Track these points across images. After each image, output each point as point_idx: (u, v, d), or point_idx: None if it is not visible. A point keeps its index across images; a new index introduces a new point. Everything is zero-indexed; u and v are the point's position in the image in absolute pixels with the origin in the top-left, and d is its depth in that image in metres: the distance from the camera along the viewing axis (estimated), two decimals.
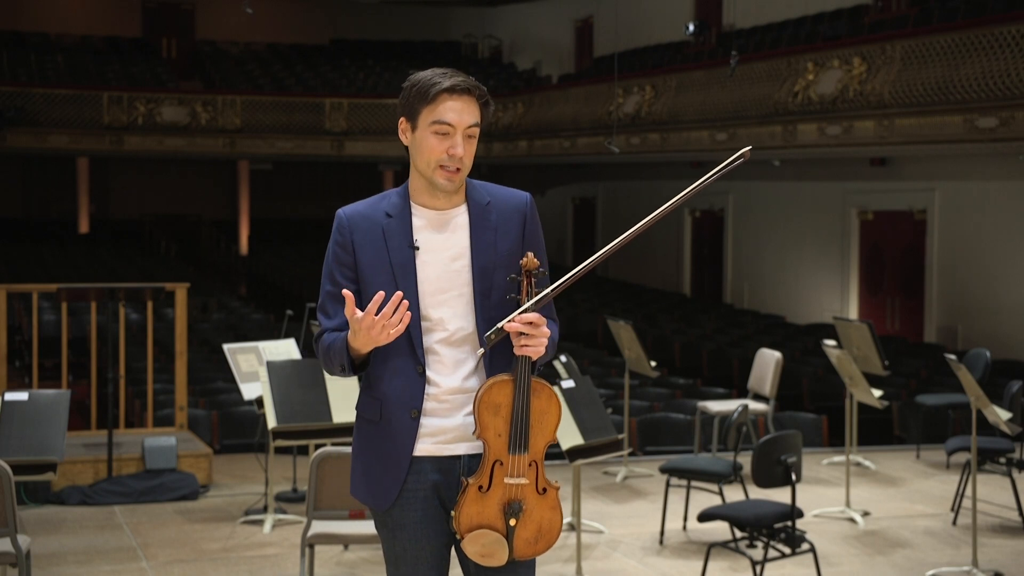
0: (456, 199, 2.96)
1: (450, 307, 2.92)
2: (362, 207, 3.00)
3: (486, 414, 2.85)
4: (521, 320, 2.80)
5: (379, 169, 24.92)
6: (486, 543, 2.87)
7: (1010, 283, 14.15)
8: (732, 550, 5.99)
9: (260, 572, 6.27)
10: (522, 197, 3.02)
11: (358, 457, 3.01)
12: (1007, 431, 6.46)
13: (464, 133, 2.88)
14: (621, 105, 18.12)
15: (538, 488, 2.90)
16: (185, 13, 26.34)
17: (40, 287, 9.26)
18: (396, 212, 2.96)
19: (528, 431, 2.86)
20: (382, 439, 2.94)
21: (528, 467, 2.88)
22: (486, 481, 2.87)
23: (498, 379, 2.87)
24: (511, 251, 2.94)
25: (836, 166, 16.61)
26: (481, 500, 2.87)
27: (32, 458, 5.63)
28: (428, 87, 2.87)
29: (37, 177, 24.73)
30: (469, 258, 2.93)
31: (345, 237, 2.96)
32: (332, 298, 2.96)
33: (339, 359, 2.90)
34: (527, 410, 2.85)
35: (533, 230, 3.00)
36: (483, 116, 2.93)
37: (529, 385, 2.85)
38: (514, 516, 2.86)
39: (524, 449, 2.86)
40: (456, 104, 2.87)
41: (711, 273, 19.88)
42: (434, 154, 2.88)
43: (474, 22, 27.19)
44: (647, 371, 9.09)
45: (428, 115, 2.87)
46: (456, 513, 2.87)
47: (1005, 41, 12.13)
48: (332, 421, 6.73)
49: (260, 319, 16.19)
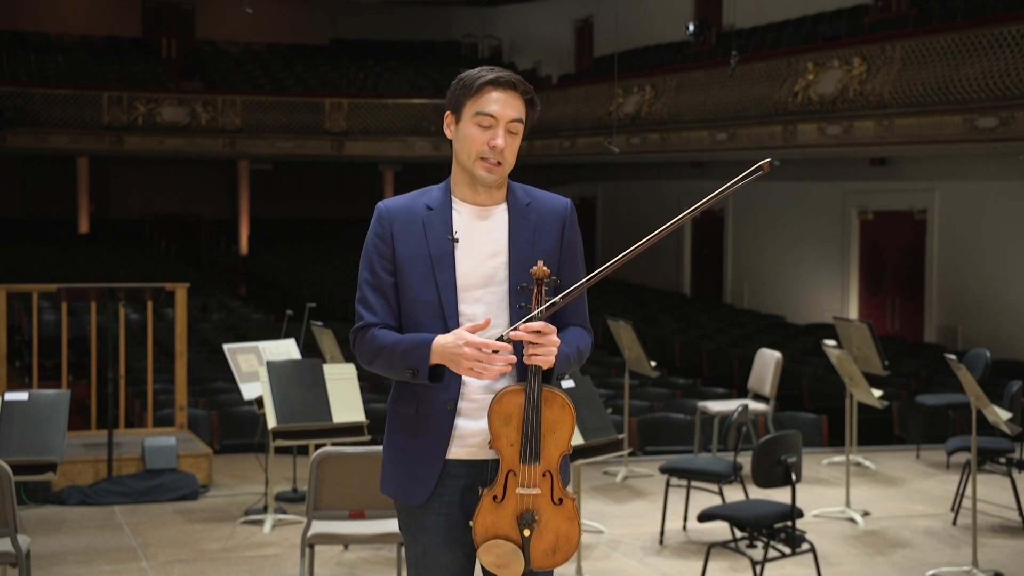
0: (497, 196, 2.96)
1: (484, 304, 2.90)
2: (403, 200, 2.99)
3: (497, 423, 2.84)
4: (526, 329, 2.78)
5: (379, 169, 24.92)
6: (501, 553, 2.85)
7: (1010, 283, 14.15)
8: (732, 550, 5.99)
9: (260, 572, 6.27)
10: (563, 202, 3.02)
11: (390, 452, 2.98)
12: (1007, 431, 6.46)
13: (506, 127, 2.88)
14: (621, 105, 18.12)
15: (553, 499, 2.87)
16: (185, 13, 26.34)
17: (40, 287, 9.26)
18: (437, 205, 2.95)
19: (539, 441, 2.83)
20: (417, 433, 2.91)
21: (542, 477, 2.85)
22: (500, 491, 2.85)
23: (510, 388, 2.85)
24: (548, 253, 2.93)
25: (836, 166, 16.61)
26: (496, 510, 2.84)
27: (32, 458, 5.63)
28: (473, 80, 2.89)
29: (37, 177, 24.73)
30: (507, 255, 2.91)
31: (385, 228, 2.94)
32: (373, 289, 2.93)
33: (410, 363, 2.84)
34: (538, 420, 2.82)
35: (572, 236, 2.99)
36: (528, 113, 2.93)
37: (539, 395, 2.83)
38: (527, 527, 2.83)
39: (536, 459, 2.83)
40: (500, 96, 2.88)
41: (711, 273, 19.87)
42: (475, 145, 2.88)
43: (474, 22, 27.18)
44: (647, 371, 9.09)
45: (472, 107, 2.88)
46: (473, 523, 2.85)
47: (1005, 41, 12.13)
48: (332, 421, 6.74)
49: (260, 319, 16.19)
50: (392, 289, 2.91)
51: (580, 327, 3.00)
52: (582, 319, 3.01)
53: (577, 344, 2.95)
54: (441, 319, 2.87)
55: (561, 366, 2.89)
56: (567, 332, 2.96)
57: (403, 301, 2.92)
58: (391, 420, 3.00)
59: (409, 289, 2.90)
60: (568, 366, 2.93)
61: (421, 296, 2.89)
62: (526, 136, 2.97)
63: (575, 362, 2.95)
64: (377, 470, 4.89)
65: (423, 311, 2.87)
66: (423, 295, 2.88)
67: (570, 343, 2.93)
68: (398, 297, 2.91)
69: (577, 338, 2.97)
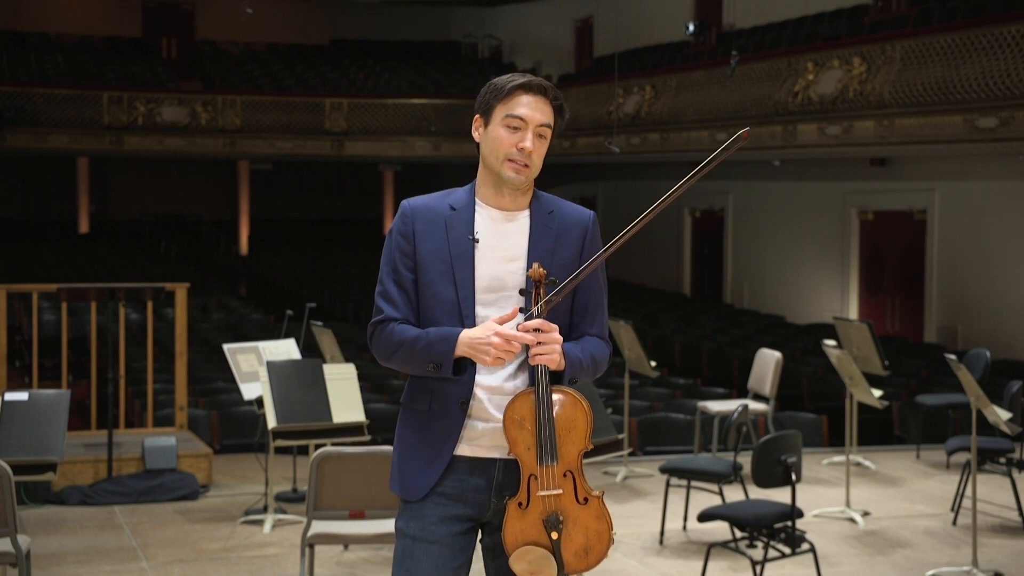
0: (521, 201, 2.97)
1: (499, 307, 2.90)
2: (428, 199, 3.01)
3: (512, 429, 2.83)
4: (523, 328, 2.78)
5: (379, 169, 24.92)
6: (532, 559, 2.83)
7: (1010, 283, 14.15)
8: (732, 550, 5.99)
9: (260, 572, 6.27)
10: (586, 214, 3.03)
11: (400, 447, 2.99)
12: (1007, 431, 6.45)
13: (535, 131, 2.90)
14: (621, 105, 18.12)
15: (578, 498, 2.86)
16: (185, 13, 26.33)
17: (40, 287, 9.26)
18: (460, 206, 2.96)
19: (555, 441, 2.82)
20: (428, 429, 2.92)
21: (563, 477, 2.84)
22: (524, 497, 2.84)
23: (520, 393, 2.85)
24: (568, 262, 2.93)
25: (836, 166, 16.61)
26: (522, 517, 2.83)
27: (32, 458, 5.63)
28: (505, 84, 2.92)
29: (37, 177, 24.73)
30: (525, 261, 2.92)
31: (407, 226, 2.95)
32: (395, 284, 2.94)
33: (434, 357, 2.84)
34: (550, 420, 2.82)
35: (592, 249, 2.99)
36: (556, 120, 2.96)
37: (549, 395, 2.82)
38: (554, 529, 2.82)
39: (553, 459, 2.82)
40: (529, 100, 2.90)
41: (711, 273, 19.87)
42: (503, 147, 2.89)
43: (474, 22, 27.18)
44: (647, 371, 9.09)
45: (502, 110, 2.91)
46: (503, 534, 2.85)
47: (1005, 41, 12.13)
48: (332, 421, 6.74)
49: (260, 319, 16.19)
50: (412, 286, 2.92)
51: (597, 337, 2.99)
52: (599, 330, 3.01)
53: (592, 352, 2.95)
54: (458, 317, 2.88)
55: (574, 370, 2.88)
56: (583, 341, 2.96)
57: (422, 298, 2.93)
58: (403, 417, 3.00)
59: (428, 286, 2.91)
60: (582, 372, 2.92)
61: (440, 294, 2.90)
62: None
63: (589, 370, 2.94)
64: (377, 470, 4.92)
65: (441, 309, 2.88)
66: (441, 292, 2.89)
67: (584, 350, 2.93)
68: (417, 294, 2.93)
69: (593, 347, 2.97)
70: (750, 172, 17.67)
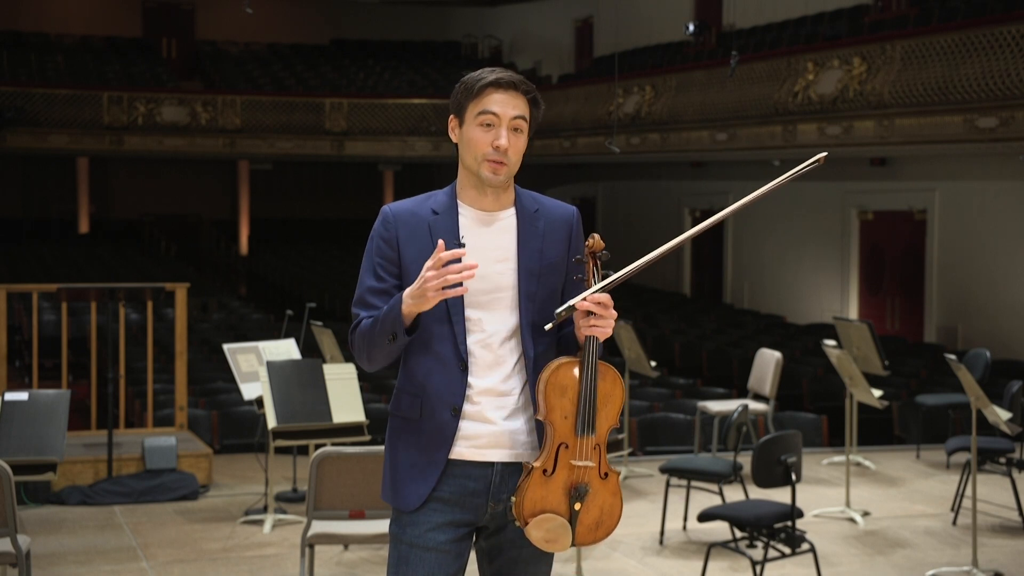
0: (504, 200, 2.95)
1: (488, 309, 2.89)
2: (408, 204, 2.98)
3: (553, 395, 2.82)
4: (592, 300, 2.80)
5: (379, 169, 24.91)
6: (550, 528, 2.82)
7: (1010, 283, 14.15)
8: (732, 550, 5.99)
9: (260, 572, 6.27)
10: (570, 210, 3.03)
11: (391, 457, 2.95)
12: (1007, 431, 6.46)
13: (509, 125, 2.87)
14: (621, 105, 18.12)
15: (601, 472, 2.88)
16: (185, 13, 26.33)
17: (40, 287, 9.27)
18: (443, 210, 2.93)
19: (596, 413, 2.84)
20: (419, 437, 2.89)
21: (593, 450, 2.85)
22: (551, 464, 2.82)
23: (563, 360, 2.85)
24: (556, 260, 2.95)
25: (836, 166, 16.59)
26: (546, 484, 2.82)
27: (32, 458, 5.63)
28: (475, 82, 2.90)
29: (37, 177, 24.72)
30: (515, 261, 2.91)
31: (391, 232, 2.93)
32: (374, 293, 2.91)
33: (390, 327, 2.79)
34: (595, 391, 2.83)
35: (578, 245, 3.00)
36: (531, 112, 2.93)
37: (596, 366, 2.84)
38: (579, 500, 2.83)
39: (591, 431, 2.83)
40: (501, 96, 2.88)
41: (711, 273, 19.87)
42: (480, 147, 2.87)
43: (474, 22, 27.19)
44: (647, 371, 9.09)
45: (474, 108, 2.88)
46: (518, 499, 2.82)
47: (1005, 41, 12.13)
48: (332, 421, 6.74)
49: (260, 319, 16.19)
50: (394, 291, 2.89)
51: None
52: None
53: None
54: (448, 323, 2.86)
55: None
56: None
57: None
58: (391, 426, 2.97)
59: None
60: None
61: None
62: (531, 137, 2.96)
63: None
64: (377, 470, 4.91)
65: (428, 315, 2.84)
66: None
67: None
68: None
69: None
70: (750, 172, 17.66)
